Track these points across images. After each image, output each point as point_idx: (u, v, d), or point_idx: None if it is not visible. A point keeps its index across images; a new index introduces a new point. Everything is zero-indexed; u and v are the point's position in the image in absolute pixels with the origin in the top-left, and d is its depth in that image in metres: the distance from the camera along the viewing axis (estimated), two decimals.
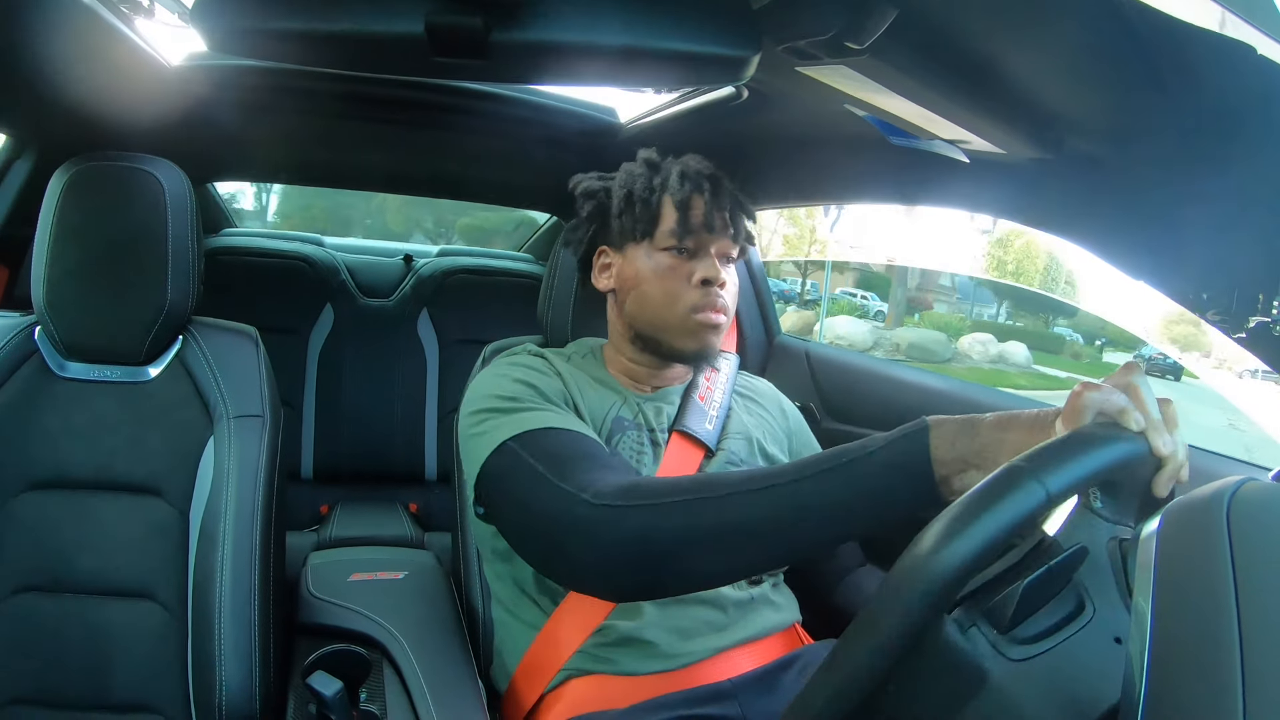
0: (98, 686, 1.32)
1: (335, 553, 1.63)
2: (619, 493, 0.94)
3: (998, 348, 11.05)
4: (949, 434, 0.81)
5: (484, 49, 0.82)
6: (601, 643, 1.19)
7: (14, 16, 1.14)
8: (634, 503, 0.93)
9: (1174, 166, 0.90)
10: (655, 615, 1.20)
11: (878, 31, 0.83)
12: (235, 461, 1.39)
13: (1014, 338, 11.77)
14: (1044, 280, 13.08)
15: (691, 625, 1.20)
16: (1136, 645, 0.55)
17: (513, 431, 1.11)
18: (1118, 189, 1.01)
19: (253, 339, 1.50)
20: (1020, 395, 1.57)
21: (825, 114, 1.34)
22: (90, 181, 1.38)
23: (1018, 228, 2.72)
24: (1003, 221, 1.38)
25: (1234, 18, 0.58)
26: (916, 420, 0.84)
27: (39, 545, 1.35)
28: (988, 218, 1.49)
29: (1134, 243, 1.03)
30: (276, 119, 2.04)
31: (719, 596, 1.22)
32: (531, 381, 1.22)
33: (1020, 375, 10.57)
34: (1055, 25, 0.78)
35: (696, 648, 1.19)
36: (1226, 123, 0.78)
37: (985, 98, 0.95)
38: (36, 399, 1.39)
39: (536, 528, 1.04)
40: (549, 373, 1.28)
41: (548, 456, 1.06)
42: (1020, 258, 12.78)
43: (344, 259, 2.91)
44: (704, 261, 1.29)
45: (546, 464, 1.04)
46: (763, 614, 1.26)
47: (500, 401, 1.18)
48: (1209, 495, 0.56)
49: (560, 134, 2.12)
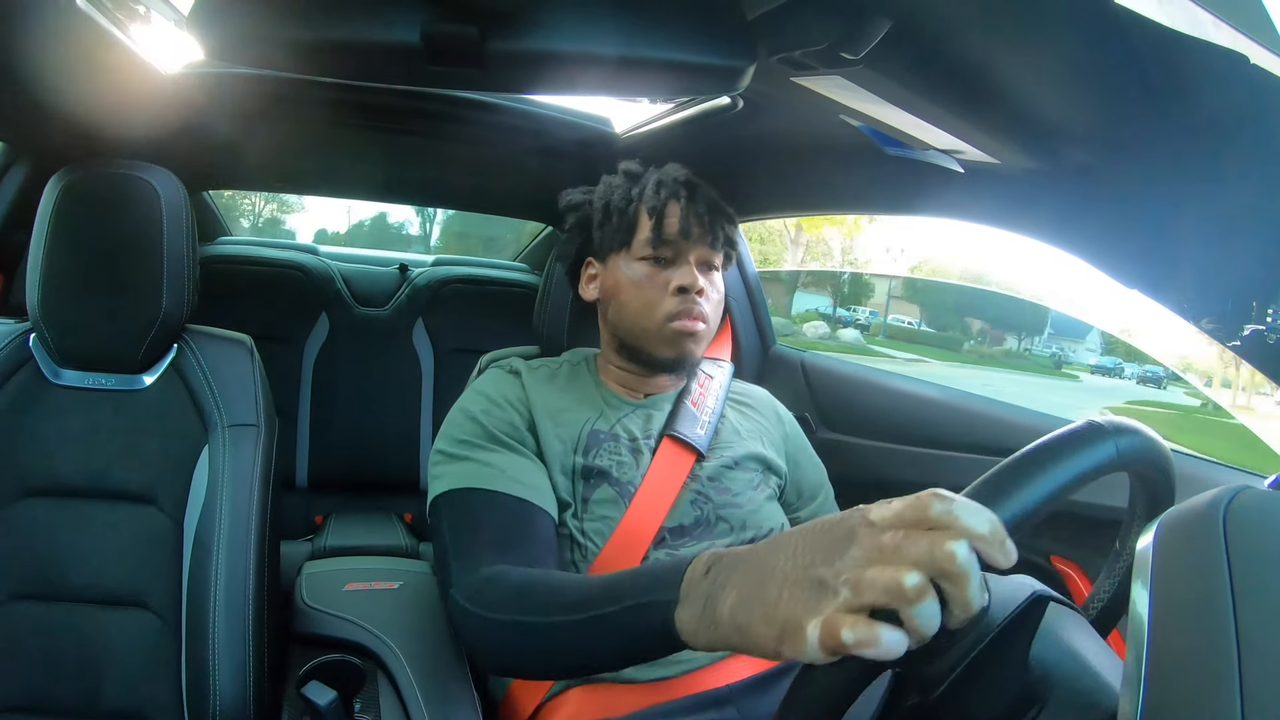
0: (91, 694, 1.32)
1: (330, 562, 1.62)
2: (471, 594, 1.06)
3: (828, 328, 11.43)
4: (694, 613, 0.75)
5: (480, 58, 0.83)
6: None
7: (9, 22, 1.14)
8: (476, 609, 1.03)
9: (1167, 175, 0.90)
10: None
11: (872, 42, 0.83)
12: (230, 470, 1.39)
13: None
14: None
15: None
16: (1134, 654, 0.55)
17: (446, 487, 1.22)
18: (1111, 198, 1.01)
19: (248, 348, 1.50)
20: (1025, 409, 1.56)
21: (820, 124, 1.35)
22: (86, 188, 1.37)
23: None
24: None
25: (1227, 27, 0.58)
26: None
27: (33, 553, 1.34)
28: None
29: (1127, 252, 1.03)
30: (272, 127, 2.04)
31: None
32: (482, 420, 1.28)
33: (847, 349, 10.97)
34: (1049, 35, 0.78)
35: (695, 654, 1.18)
36: (1220, 131, 0.79)
37: (979, 108, 0.95)
38: (31, 406, 1.38)
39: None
40: (511, 400, 1.32)
41: (457, 527, 1.18)
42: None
43: (339, 268, 2.91)
44: (681, 269, 1.31)
45: (453, 535, 1.17)
46: None
47: (451, 444, 1.27)
48: (1205, 504, 0.56)
49: (556, 144, 2.12)
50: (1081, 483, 0.65)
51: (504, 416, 1.29)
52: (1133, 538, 0.83)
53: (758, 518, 1.32)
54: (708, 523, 1.29)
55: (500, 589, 1.03)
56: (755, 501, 1.34)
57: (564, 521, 1.25)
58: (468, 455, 1.24)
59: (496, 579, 1.05)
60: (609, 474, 1.28)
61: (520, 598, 0.99)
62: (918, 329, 11.62)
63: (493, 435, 1.26)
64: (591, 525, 1.24)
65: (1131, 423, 0.73)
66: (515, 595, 1.00)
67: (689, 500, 1.30)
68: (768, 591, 0.66)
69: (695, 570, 0.77)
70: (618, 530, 1.24)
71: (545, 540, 1.19)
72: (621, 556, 1.22)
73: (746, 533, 1.30)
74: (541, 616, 0.94)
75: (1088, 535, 1.31)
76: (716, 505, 1.30)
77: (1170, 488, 0.79)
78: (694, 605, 0.74)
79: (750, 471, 1.37)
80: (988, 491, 0.63)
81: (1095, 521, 1.19)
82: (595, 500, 1.26)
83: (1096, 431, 0.69)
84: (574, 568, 1.23)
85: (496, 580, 1.05)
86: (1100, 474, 0.67)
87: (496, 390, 1.33)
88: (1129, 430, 0.71)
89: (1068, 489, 0.65)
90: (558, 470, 1.27)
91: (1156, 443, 0.75)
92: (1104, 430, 0.69)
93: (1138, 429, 0.73)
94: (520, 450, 1.26)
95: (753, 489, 1.35)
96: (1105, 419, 0.71)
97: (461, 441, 1.26)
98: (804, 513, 1.47)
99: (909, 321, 11.71)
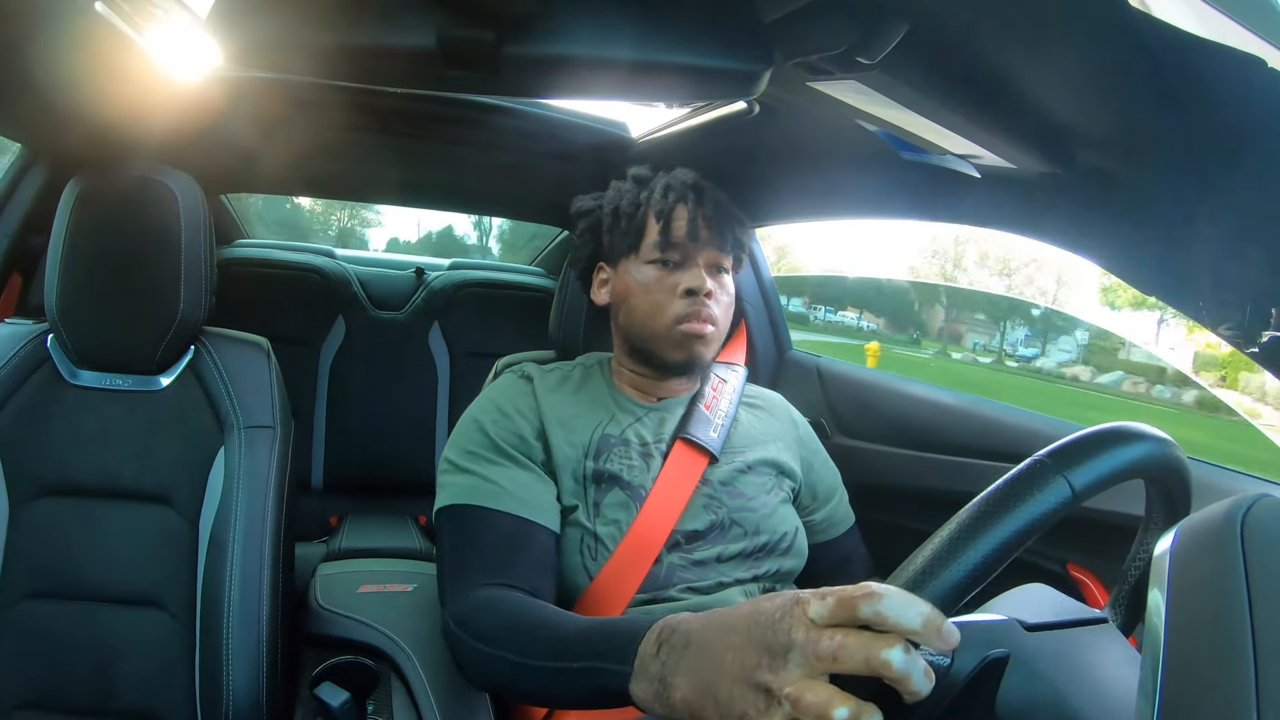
0: (104, 693, 1.33)
1: (344, 564, 1.63)
2: (461, 618, 1.10)
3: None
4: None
5: (495, 62, 0.83)
6: None
7: (27, 27, 1.15)
8: (464, 635, 1.08)
9: (1185, 180, 0.89)
10: None
11: (889, 46, 0.83)
12: (245, 472, 1.40)
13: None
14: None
15: None
16: (1150, 662, 0.54)
17: (448, 500, 1.25)
18: (1129, 203, 1.00)
19: (264, 350, 1.51)
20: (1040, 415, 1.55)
21: (836, 129, 1.34)
22: (104, 192, 1.39)
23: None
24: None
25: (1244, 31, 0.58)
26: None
27: (49, 552, 1.36)
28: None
29: (1145, 257, 1.03)
30: (289, 131, 2.05)
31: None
32: (489, 431, 1.29)
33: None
34: (1066, 39, 0.78)
35: None
36: (1238, 136, 0.78)
37: (996, 112, 0.95)
38: (48, 406, 1.40)
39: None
40: (520, 409, 1.33)
41: (455, 545, 1.21)
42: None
43: (356, 271, 2.92)
44: (690, 272, 1.32)
45: (451, 553, 1.21)
46: None
47: (458, 455, 1.29)
48: (1223, 512, 0.56)
49: (572, 148, 2.12)
50: (1034, 533, 0.63)
51: (511, 427, 1.29)
52: (1149, 545, 0.83)
53: (771, 521, 1.32)
54: (722, 526, 1.29)
55: (488, 619, 1.07)
56: (769, 505, 1.34)
57: (578, 523, 1.25)
58: (471, 468, 1.25)
59: (486, 607, 1.09)
60: (620, 478, 1.28)
61: (505, 632, 1.03)
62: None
63: (498, 447, 1.27)
64: (604, 529, 1.24)
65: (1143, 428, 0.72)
66: (500, 628, 1.04)
67: (702, 504, 1.30)
68: (719, 688, 0.67)
69: (647, 647, 0.79)
70: (629, 534, 1.24)
71: (540, 560, 1.21)
72: (633, 559, 1.23)
73: (760, 537, 1.30)
74: (520, 657, 0.98)
75: (1104, 542, 1.30)
76: (730, 509, 1.30)
77: (1187, 495, 0.78)
78: (648, 683, 0.77)
79: (764, 475, 1.37)
80: (919, 578, 0.62)
81: (1112, 529, 1.18)
82: (607, 504, 1.26)
83: (1038, 472, 0.65)
84: (585, 572, 1.23)
85: (486, 609, 1.09)
86: (1056, 516, 0.64)
87: (507, 399, 1.34)
88: (1083, 450, 0.67)
89: (1013, 546, 0.63)
90: (569, 475, 1.27)
91: (1173, 450, 0.74)
92: (1046, 466, 0.65)
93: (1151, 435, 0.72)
94: (524, 464, 1.27)
95: (766, 493, 1.35)
96: (1110, 426, 0.70)
97: (468, 453, 1.27)
98: (818, 515, 1.46)
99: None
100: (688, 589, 1.23)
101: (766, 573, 1.29)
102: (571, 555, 1.24)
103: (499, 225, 6.08)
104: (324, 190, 3.19)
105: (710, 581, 1.24)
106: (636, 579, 1.22)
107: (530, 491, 1.24)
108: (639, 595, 1.21)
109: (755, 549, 1.29)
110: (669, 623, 0.78)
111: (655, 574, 1.23)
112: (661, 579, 1.23)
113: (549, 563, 1.22)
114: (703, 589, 1.23)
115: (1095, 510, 1.21)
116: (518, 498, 1.22)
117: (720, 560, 1.26)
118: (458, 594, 1.15)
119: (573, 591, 1.24)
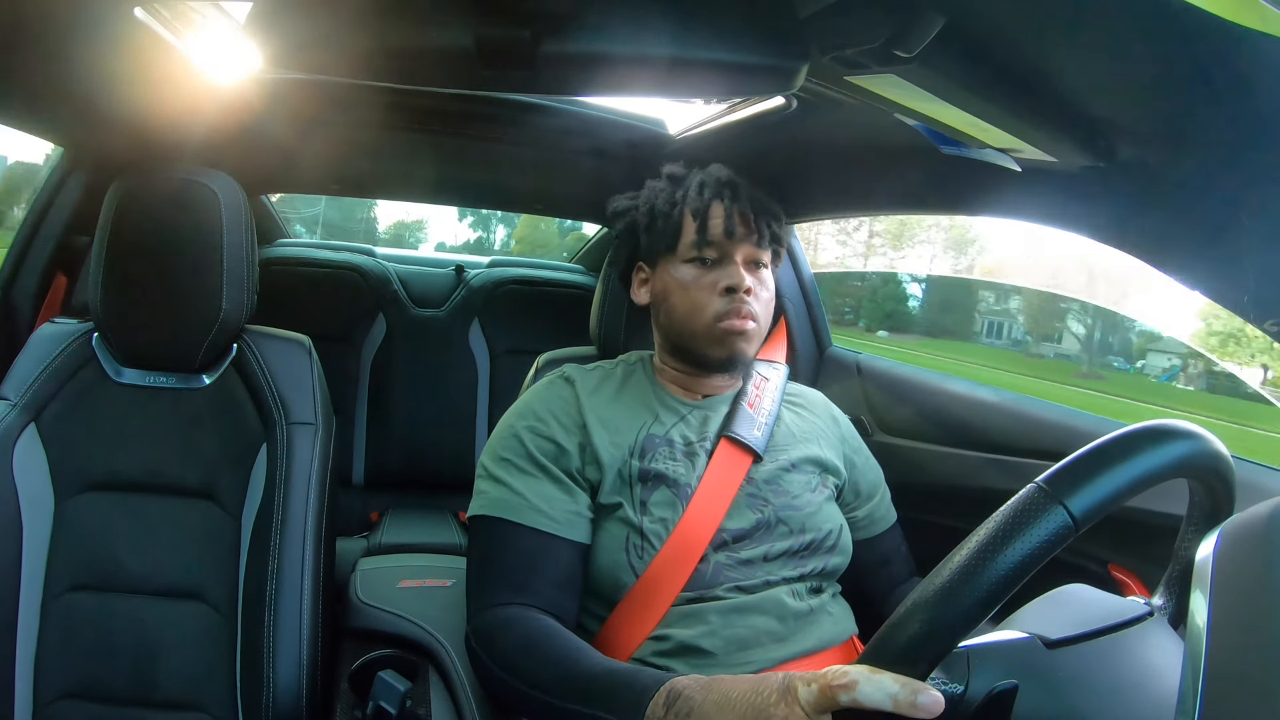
0: (146, 684, 1.35)
1: (384, 559, 1.65)
2: (480, 636, 1.15)
3: None
4: None
5: (532, 61, 0.83)
6: (659, 651, 1.19)
7: (68, 33, 1.17)
8: (482, 654, 1.13)
9: (1227, 172, 0.87)
10: (715, 624, 1.19)
11: (926, 39, 0.82)
12: (288, 468, 1.42)
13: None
14: None
15: (751, 635, 1.19)
16: (1192, 661, 0.54)
17: (479, 510, 1.27)
18: (1170, 197, 0.99)
19: (306, 348, 1.53)
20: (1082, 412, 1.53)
21: (874, 123, 1.34)
22: (146, 193, 1.41)
23: None
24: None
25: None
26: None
27: (93, 545, 1.38)
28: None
29: (1187, 252, 1.01)
30: (329, 131, 2.07)
31: (780, 606, 1.22)
32: (525, 439, 1.30)
33: None
34: (1105, 30, 0.77)
35: (755, 658, 1.18)
36: None
37: (1035, 104, 0.94)
38: (93, 403, 1.42)
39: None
40: (558, 414, 1.33)
41: (482, 557, 1.25)
42: None
43: (396, 269, 2.95)
44: (728, 269, 1.32)
45: (479, 563, 1.24)
46: (822, 625, 1.25)
47: (493, 461, 1.30)
48: (1266, 512, 0.55)
49: (609, 145, 2.12)
50: (1026, 570, 0.61)
51: (548, 434, 1.29)
52: (1190, 546, 0.81)
53: (817, 519, 1.31)
54: (768, 525, 1.28)
55: (504, 642, 1.12)
56: (814, 504, 1.33)
57: (625, 520, 1.25)
58: (503, 478, 1.26)
59: (505, 628, 1.14)
60: (665, 476, 1.27)
61: (519, 656, 1.08)
62: None
63: (531, 456, 1.27)
64: (650, 526, 1.24)
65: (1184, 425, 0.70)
66: (515, 653, 1.09)
67: (746, 503, 1.29)
68: None
69: (655, 709, 0.87)
70: (675, 532, 1.23)
71: (562, 576, 1.23)
72: (680, 557, 1.22)
73: (806, 535, 1.29)
74: (530, 688, 1.04)
75: (1146, 542, 1.28)
76: (776, 508, 1.29)
77: (1230, 495, 0.77)
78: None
79: (807, 474, 1.36)
80: (892, 652, 0.65)
81: (1154, 529, 1.16)
82: (654, 502, 1.26)
83: (1037, 504, 0.62)
84: (632, 570, 1.23)
85: (505, 630, 1.14)
86: (1054, 549, 0.62)
87: (545, 405, 1.34)
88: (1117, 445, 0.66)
89: (998, 596, 0.62)
90: (614, 473, 1.27)
91: (1216, 448, 0.73)
92: (1043, 499, 0.62)
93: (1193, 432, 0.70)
94: (555, 474, 1.27)
95: (810, 491, 1.34)
96: (1130, 429, 0.68)
97: (501, 460, 1.28)
98: (861, 512, 1.45)
99: None
100: (735, 588, 1.22)
101: (812, 571, 1.28)
102: (617, 553, 1.24)
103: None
104: (362, 189, 3.22)
105: (757, 580, 1.23)
106: (682, 577, 1.21)
107: (558, 505, 1.25)
108: (685, 593, 1.21)
109: (801, 547, 1.28)
110: (675, 687, 0.87)
111: (701, 573, 1.22)
112: (708, 578, 1.22)
113: (572, 578, 1.23)
114: (749, 588, 1.22)
115: (1137, 510, 1.19)
116: (543, 512, 1.23)
117: (766, 559, 1.25)
118: (479, 608, 1.19)
119: (618, 589, 1.23)
